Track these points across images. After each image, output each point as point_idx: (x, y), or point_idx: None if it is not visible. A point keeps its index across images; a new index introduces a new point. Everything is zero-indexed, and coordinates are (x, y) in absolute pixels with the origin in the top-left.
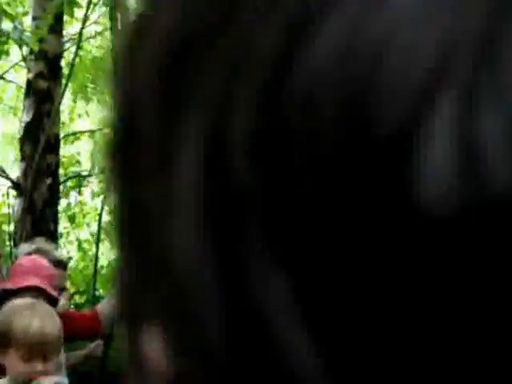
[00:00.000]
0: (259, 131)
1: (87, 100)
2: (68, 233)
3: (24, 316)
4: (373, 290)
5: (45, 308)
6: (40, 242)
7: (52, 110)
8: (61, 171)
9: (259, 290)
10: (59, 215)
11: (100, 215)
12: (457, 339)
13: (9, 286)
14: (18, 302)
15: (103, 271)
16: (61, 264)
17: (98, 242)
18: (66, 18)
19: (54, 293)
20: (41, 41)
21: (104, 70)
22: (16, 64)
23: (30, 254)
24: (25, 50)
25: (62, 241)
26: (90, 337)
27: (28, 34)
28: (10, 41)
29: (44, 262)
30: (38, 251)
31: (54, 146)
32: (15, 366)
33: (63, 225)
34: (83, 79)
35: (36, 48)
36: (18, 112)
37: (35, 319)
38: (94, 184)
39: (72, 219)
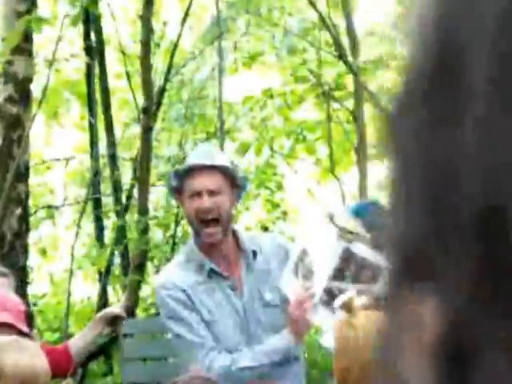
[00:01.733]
0: None
1: (60, 126)
2: (39, 267)
3: (12, 352)
4: None
5: (30, 344)
6: None
7: (22, 136)
8: (31, 202)
9: None
10: (29, 248)
11: (73, 248)
12: None
13: None
14: (1, 339)
15: (76, 308)
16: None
17: (70, 276)
18: (37, 39)
19: (26, 329)
20: (10, 63)
21: (78, 94)
22: None
23: None
24: None
25: (32, 276)
26: (61, 373)
27: None
28: None
29: (12, 296)
30: None
31: (23, 174)
32: None
33: (34, 259)
34: (56, 103)
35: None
36: None
37: (25, 355)
38: (66, 215)
39: (43, 253)
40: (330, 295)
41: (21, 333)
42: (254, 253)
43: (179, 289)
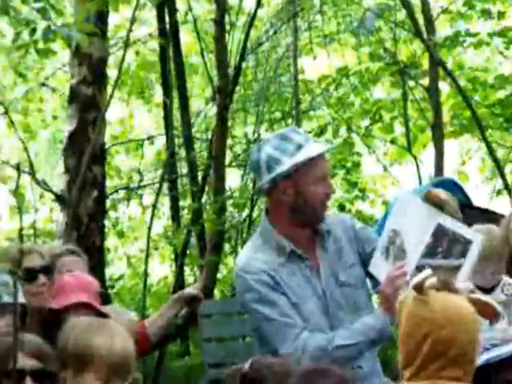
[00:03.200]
0: None
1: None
2: (116, 248)
3: (104, 335)
4: None
5: (118, 326)
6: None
7: (97, 118)
8: (108, 183)
9: None
10: (107, 230)
11: (149, 229)
12: None
13: (54, 304)
14: (87, 319)
15: (153, 289)
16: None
17: (147, 258)
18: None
19: (104, 309)
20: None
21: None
22: (59, 69)
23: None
24: (67, 54)
25: (109, 257)
26: (138, 353)
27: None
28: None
29: (89, 277)
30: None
31: (100, 156)
32: None
33: (111, 240)
34: (131, 85)
35: (86, 44)
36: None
37: (117, 337)
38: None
39: (120, 235)
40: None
41: (98, 314)
42: (328, 233)
43: (263, 272)
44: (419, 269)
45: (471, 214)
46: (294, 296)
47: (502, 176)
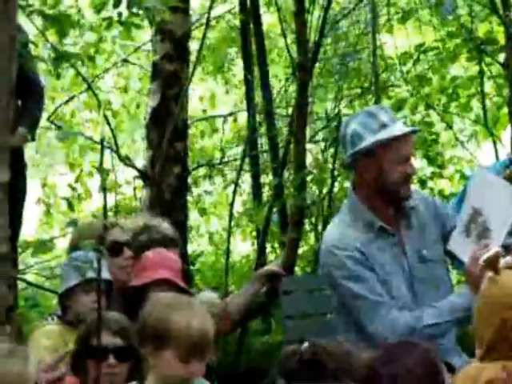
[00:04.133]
0: None
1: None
2: (198, 226)
3: (183, 312)
4: None
5: (198, 304)
6: (143, 218)
7: (180, 93)
8: (190, 159)
9: None
10: (189, 206)
11: (231, 206)
12: None
13: (136, 281)
14: (168, 296)
15: (235, 266)
16: (172, 242)
17: (229, 235)
18: None
19: (186, 287)
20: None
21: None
22: (142, 44)
23: (138, 233)
24: (149, 33)
25: (191, 234)
26: (220, 331)
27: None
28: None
29: (171, 254)
30: (145, 228)
31: (182, 132)
32: (171, 367)
33: (193, 217)
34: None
35: (167, 17)
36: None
37: (196, 316)
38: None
39: (202, 212)
40: (509, 251)
41: (180, 290)
42: (412, 209)
43: (355, 248)
44: (506, 248)
45: None
46: (383, 272)
47: None
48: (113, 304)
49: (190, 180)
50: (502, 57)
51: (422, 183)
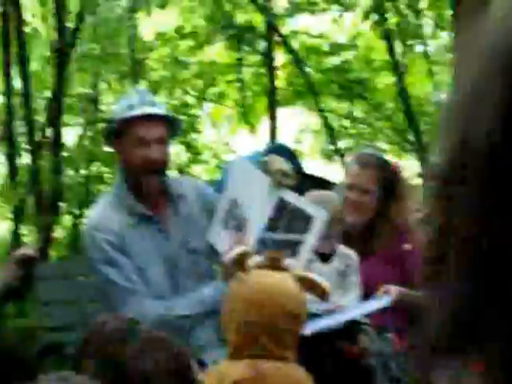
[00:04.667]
0: None
1: None
2: None
3: None
4: None
5: None
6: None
7: None
8: None
9: None
10: None
11: None
12: None
13: None
14: None
15: None
16: None
17: None
18: None
19: None
20: None
21: None
22: None
23: None
24: None
25: None
26: None
27: None
28: None
29: None
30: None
31: None
32: None
33: None
34: None
35: None
36: None
37: None
38: None
39: None
40: (264, 245)
41: None
42: (180, 197)
43: (113, 232)
44: (262, 242)
45: (304, 181)
46: (140, 260)
47: (333, 140)
48: None
49: None
50: (261, 45)
51: (180, 170)
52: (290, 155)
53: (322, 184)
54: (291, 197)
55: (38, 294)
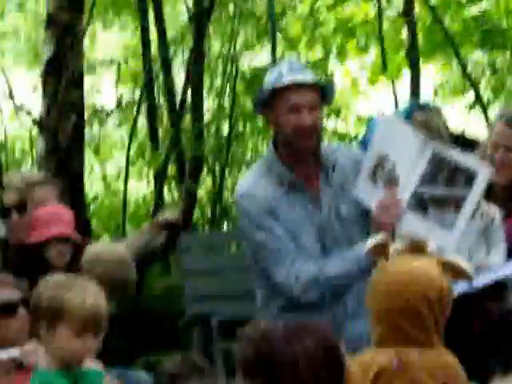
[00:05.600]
0: None
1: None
2: (92, 167)
3: (77, 290)
4: None
5: (91, 283)
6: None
7: (75, 43)
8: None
9: None
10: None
11: (128, 149)
12: None
13: (32, 238)
14: (60, 277)
15: (131, 208)
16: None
17: (126, 179)
18: None
19: (79, 239)
20: None
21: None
22: None
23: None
24: None
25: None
26: None
27: None
28: None
29: (60, 207)
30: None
31: (77, 80)
32: (66, 341)
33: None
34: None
35: None
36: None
37: (88, 293)
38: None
39: (96, 151)
40: (420, 200)
41: (76, 245)
42: (333, 167)
43: (263, 199)
44: (417, 196)
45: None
46: (291, 225)
47: (476, 90)
48: (10, 262)
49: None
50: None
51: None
52: (436, 112)
53: (469, 143)
54: (449, 151)
55: (184, 266)
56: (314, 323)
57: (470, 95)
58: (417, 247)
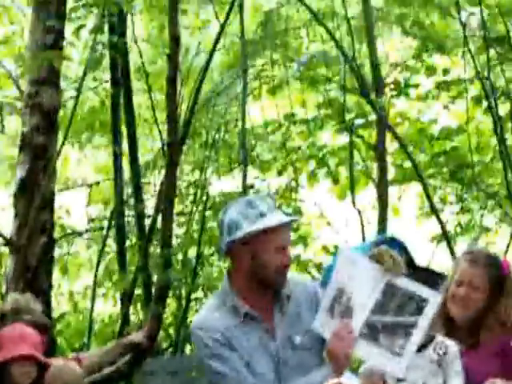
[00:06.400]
0: None
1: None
2: (60, 285)
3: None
4: None
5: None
6: (25, 300)
7: (48, 165)
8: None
9: None
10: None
11: (97, 268)
12: None
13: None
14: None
15: (97, 327)
16: (42, 327)
17: (93, 298)
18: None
19: (46, 360)
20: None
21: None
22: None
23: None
24: (19, 104)
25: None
26: None
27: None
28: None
29: (29, 329)
30: (22, 311)
31: (48, 202)
32: None
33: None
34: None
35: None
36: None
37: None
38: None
39: (64, 270)
40: (372, 328)
41: (41, 365)
42: (288, 297)
43: (218, 331)
44: (369, 325)
45: (415, 274)
46: (247, 355)
47: (441, 223)
48: None
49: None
50: (370, 131)
51: None
52: (401, 247)
53: (435, 277)
54: (400, 280)
55: None
56: None
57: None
58: None
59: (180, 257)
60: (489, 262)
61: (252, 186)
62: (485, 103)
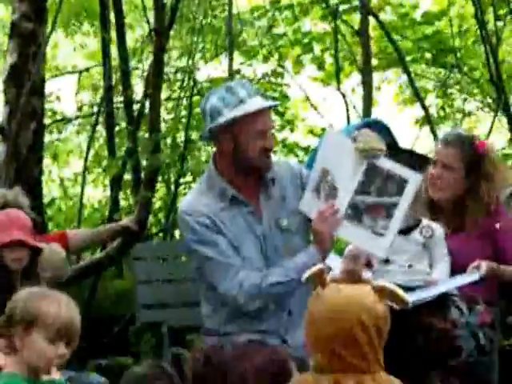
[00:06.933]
0: None
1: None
2: (50, 171)
3: (52, 300)
4: None
5: (65, 296)
6: (13, 195)
7: (37, 52)
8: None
9: None
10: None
11: (86, 160)
12: None
13: None
14: (35, 289)
15: (87, 212)
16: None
17: (83, 183)
18: None
19: (38, 244)
20: None
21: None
22: None
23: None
24: None
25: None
26: None
27: None
28: None
29: (20, 213)
30: (10, 205)
31: (39, 89)
32: (39, 347)
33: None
34: (67, 15)
35: None
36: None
37: (63, 304)
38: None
39: (54, 157)
40: (356, 209)
41: (33, 249)
42: (273, 180)
43: (204, 215)
44: (353, 206)
45: (398, 156)
46: (234, 238)
47: (424, 107)
48: None
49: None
50: (354, 18)
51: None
52: (385, 130)
53: (418, 159)
54: (382, 161)
55: (136, 274)
56: (265, 343)
57: (420, 111)
58: (351, 274)
59: (169, 141)
60: (461, 141)
61: (238, 72)
62: None
